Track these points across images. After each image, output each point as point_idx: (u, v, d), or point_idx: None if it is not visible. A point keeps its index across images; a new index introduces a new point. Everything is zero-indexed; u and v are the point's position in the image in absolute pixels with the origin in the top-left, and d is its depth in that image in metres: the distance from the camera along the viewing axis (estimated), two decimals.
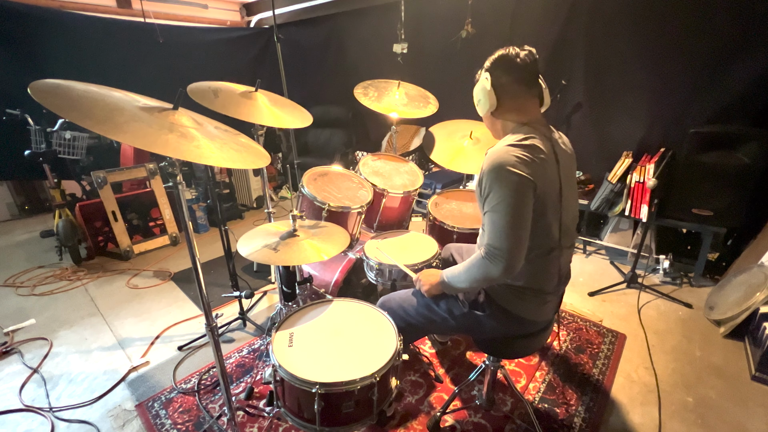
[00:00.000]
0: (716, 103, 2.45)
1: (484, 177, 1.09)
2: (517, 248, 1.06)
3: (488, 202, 1.08)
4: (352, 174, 2.14)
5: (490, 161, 1.08)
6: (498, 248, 1.06)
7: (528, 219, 1.07)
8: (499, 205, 1.05)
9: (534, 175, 1.05)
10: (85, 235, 3.07)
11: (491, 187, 1.07)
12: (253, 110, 1.59)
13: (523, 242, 1.06)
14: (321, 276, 2.04)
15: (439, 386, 1.75)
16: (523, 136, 1.11)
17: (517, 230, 1.05)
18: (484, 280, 1.14)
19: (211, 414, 1.63)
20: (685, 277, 2.63)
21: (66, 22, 3.51)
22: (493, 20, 3.22)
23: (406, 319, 1.35)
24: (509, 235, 1.05)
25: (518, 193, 1.04)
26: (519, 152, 1.07)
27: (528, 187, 1.05)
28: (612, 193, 2.69)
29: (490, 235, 1.08)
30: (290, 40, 4.70)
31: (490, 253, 1.08)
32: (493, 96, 1.16)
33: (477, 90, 1.21)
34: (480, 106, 1.22)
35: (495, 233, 1.06)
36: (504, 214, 1.04)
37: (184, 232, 1.08)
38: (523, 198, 1.05)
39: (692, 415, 1.61)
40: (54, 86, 0.87)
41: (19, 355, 2.03)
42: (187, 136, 0.96)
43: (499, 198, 1.05)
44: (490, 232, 1.08)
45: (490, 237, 1.08)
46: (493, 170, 1.06)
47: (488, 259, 1.09)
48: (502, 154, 1.07)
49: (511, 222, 1.04)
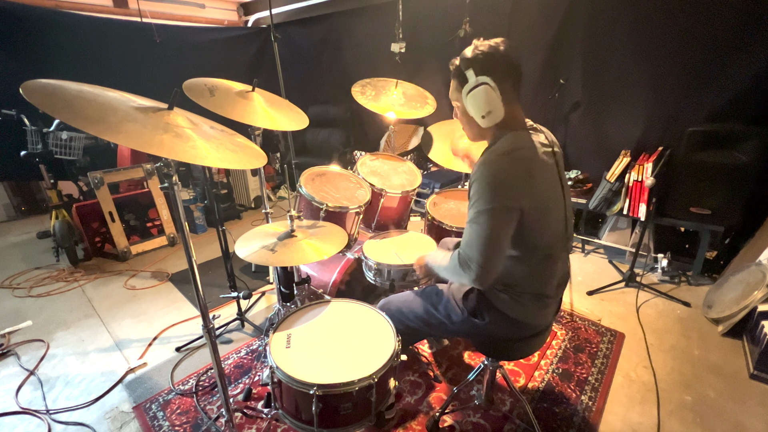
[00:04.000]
0: (714, 101, 2.46)
1: (474, 184, 1.06)
2: (490, 263, 1.05)
3: (471, 209, 1.07)
4: (350, 174, 2.13)
5: (481, 171, 1.05)
6: (471, 259, 1.06)
7: (506, 239, 1.06)
8: (480, 217, 1.03)
9: (523, 196, 1.03)
10: (82, 236, 3.06)
11: (477, 197, 1.04)
12: (249, 111, 1.58)
13: (496, 258, 1.05)
14: (319, 276, 2.03)
15: (437, 386, 1.75)
16: (517, 145, 1.07)
17: (493, 244, 1.04)
18: (458, 281, 1.14)
19: (209, 415, 1.62)
20: (684, 276, 2.63)
21: (62, 21, 3.50)
22: (491, 20, 3.21)
23: (405, 323, 1.35)
24: (485, 249, 1.04)
25: (501, 213, 1.03)
26: (510, 166, 1.04)
27: (513, 210, 1.03)
28: (610, 192, 2.69)
29: (466, 242, 1.08)
30: (288, 39, 4.69)
31: (463, 260, 1.08)
32: (500, 105, 1.06)
33: (482, 100, 1.05)
34: (488, 118, 1.07)
35: (471, 243, 1.06)
36: (484, 228, 1.03)
37: (181, 234, 1.07)
38: (505, 217, 1.03)
39: (691, 414, 1.61)
40: (47, 86, 0.86)
41: (15, 357, 2.02)
42: (182, 137, 0.95)
43: (482, 211, 1.03)
44: (467, 240, 1.07)
45: (465, 244, 1.08)
46: (483, 182, 1.03)
47: (461, 265, 1.09)
48: (494, 168, 1.04)
49: (489, 235, 1.03)
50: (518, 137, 1.09)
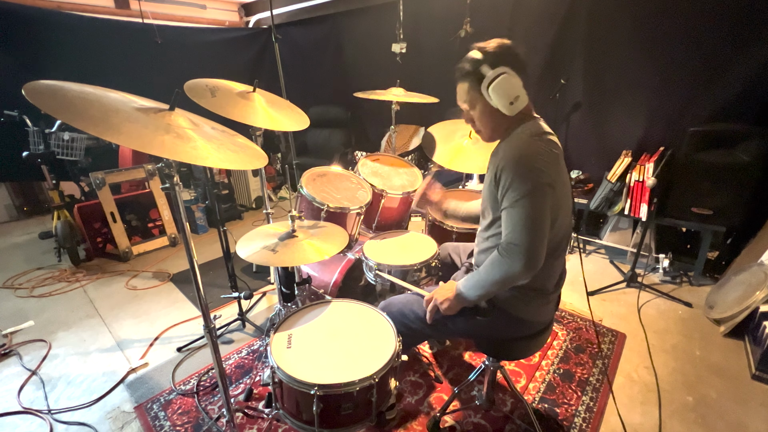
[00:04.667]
0: (715, 101, 2.45)
1: (505, 170, 1.04)
2: (539, 243, 1.03)
3: (508, 197, 1.04)
4: (351, 174, 2.14)
5: (512, 153, 1.03)
6: (518, 244, 1.03)
7: (548, 217, 1.04)
8: (521, 200, 1.01)
9: (555, 174, 1.04)
10: (84, 237, 3.07)
11: (512, 182, 1.02)
12: (249, 112, 1.58)
13: (543, 238, 1.03)
14: (320, 276, 2.03)
15: (438, 386, 1.75)
16: (540, 129, 1.09)
17: (538, 225, 1.02)
18: (503, 280, 1.08)
19: (210, 416, 1.62)
20: (685, 276, 2.62)
21: (64, 22, 3.51)
22: (492, 19, 3.21)
23: (407, 324, 1.34)
24: (530, 229, 1.01)
25: (541, 190, 1.01)
26: (543, 147, 1.04)
27: (550, 186, 1.03)
28: (611, 192, 2.68)
29: (509, 231, 1.05)
30: (289, 40, 4.70)
31: (509, 249, 1.05)
32: (524, 90, 1.08)
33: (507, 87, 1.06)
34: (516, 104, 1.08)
35: (514, 229, 1.03)
36: (525, 209, 1.01)
37: (182, 234, 1.07)
38: (545, 196, 1.03)
39: (693, 415, 1.60)
40: (48, 87, 0.87)
41: (17, 357, 2.03)
42: (183, 137, 0.95)
43: (522, 193, 1.01)
44: (509, 228, 1.05)
45: (508, 234, 1.05)
46: (517, 163, 1.02)
47: (507, 257, 1.05)
48: (525, 148, 1.04)
49: (532, 216, 1.01)
50: (537, 124, 1.11)
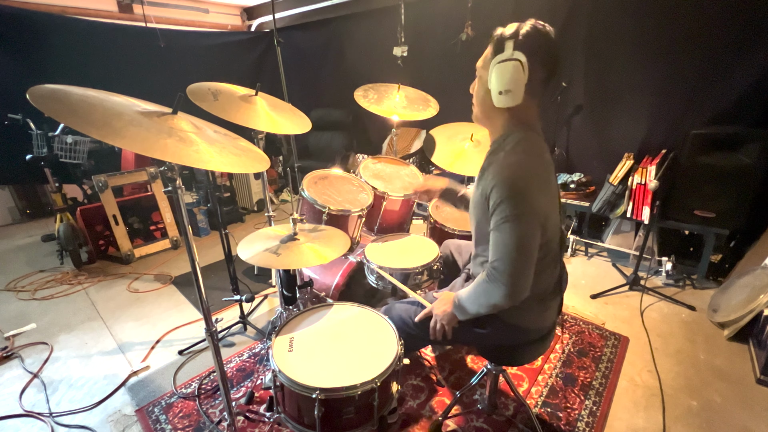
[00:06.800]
0: (717, 104, 2.45)
1: (495, 189, 0.98)
2: (523, 274, 0.99)
3: (496, 216, 1.00)
4: (353, 177, 2.14)
5: (506, 175, 0.98)
6: (501, 271, 1.00)
7: (536, 246, 1.00)
8: (507, 224, 0.97)
9: (545, 200, 1.01)
10: (86, 239, 3.07)
11: (501, 202, 0.97)
12: (252, 115, 1.59)
13: (528, 268, 1.00)
14: (322, 279, 2.03)
15: (440, 390, 1.74)
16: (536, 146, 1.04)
17: (523, 251, 0.98)
18: (488, 306, 1.06)
19: (212, 419, 1.62)
20: (688, 279, 2.61)
21: (67, 27, 3.53)
22: (493, 23, 3.16)
23: (407, 331, 1.33)
24: (515, 258, 0.98)
25: (530, 218, 0.98)
26: (535, 169, 1.00)
27: (539, 215, 1.00)
28: (613, 195, 2.67)
29: (495, 255, 1.01)
30: (291, 43, 4.71)
31: (493, 275, 1.02)
32: (522, 89, 0.98)
33: (507, 75, 0.97)
34: (504, 98, 0.99)
35: (499, 254, 1.00)
36: (511, 236, 0.97)
37: (184, 237, 1.07)
38: (534, 224, 0.99)
39: (697, 419, 1.59)
40: (52, 91, 0.87)
41: (19, 359, 2.03)
42: (186, 141, 0.95)
43: (510, 217, 0.96)
44: (495, 251, 1.01)
45: (494, 257, 1.02)
46: (509, 186, 0.96)
47: (491, 282, 1.03)
48: (518, 170, 0.98)
49: (518, 243, 0.97)
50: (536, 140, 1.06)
